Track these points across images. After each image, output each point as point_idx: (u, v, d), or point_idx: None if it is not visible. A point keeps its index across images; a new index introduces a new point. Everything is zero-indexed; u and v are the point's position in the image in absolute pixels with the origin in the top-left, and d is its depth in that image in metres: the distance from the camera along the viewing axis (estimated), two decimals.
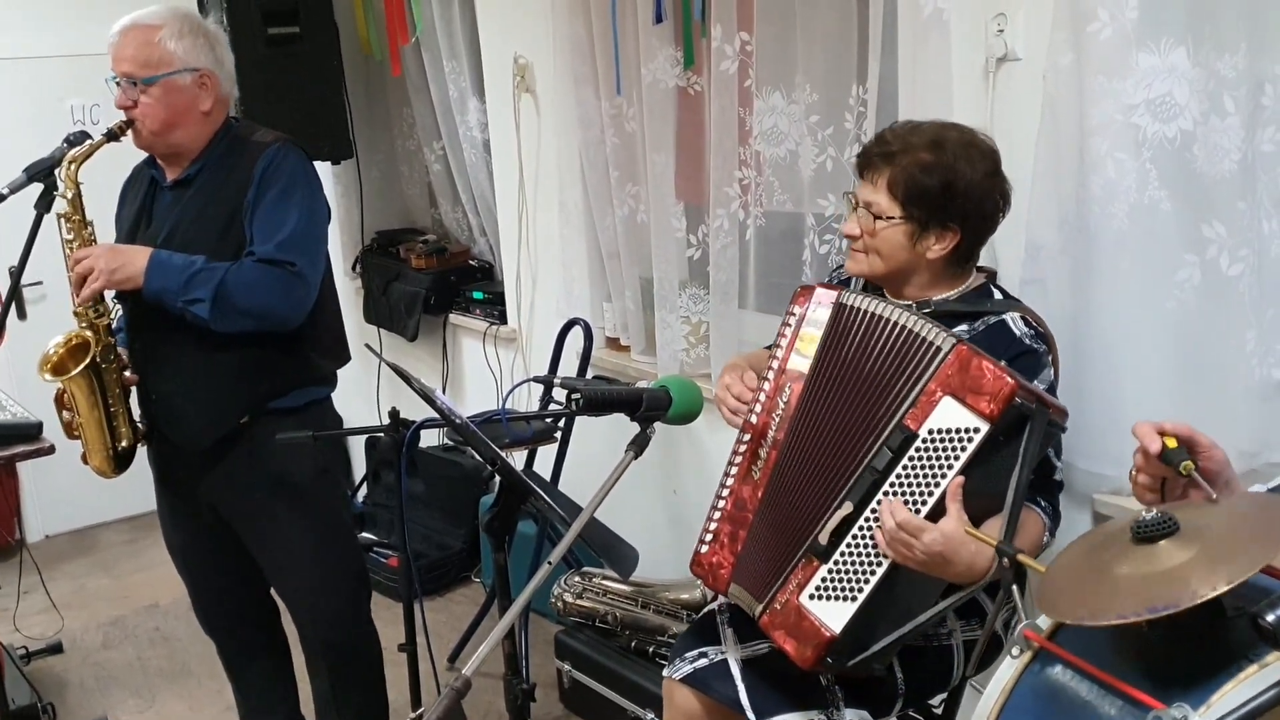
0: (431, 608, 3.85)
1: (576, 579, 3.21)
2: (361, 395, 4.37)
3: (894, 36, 2.42)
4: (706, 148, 2.93)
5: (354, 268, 4.65)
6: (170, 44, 2.48)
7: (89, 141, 2.51)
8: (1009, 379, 1.66)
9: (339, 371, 2.71)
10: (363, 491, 4.52)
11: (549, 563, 1.69)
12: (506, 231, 3.84)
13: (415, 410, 2.33)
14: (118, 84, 2.49)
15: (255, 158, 2.48)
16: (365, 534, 4.24)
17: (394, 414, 2.42)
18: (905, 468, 1.74)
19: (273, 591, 2.83)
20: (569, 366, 3.46)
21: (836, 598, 1.79)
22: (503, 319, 3.94)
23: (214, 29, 2.63)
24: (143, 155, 2.63)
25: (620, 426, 1.86)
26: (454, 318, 4.17)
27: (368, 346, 2.43)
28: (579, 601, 3.15)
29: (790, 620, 1.84)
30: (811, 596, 1.82)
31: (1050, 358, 1.91)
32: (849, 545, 1.79)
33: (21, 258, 2.50)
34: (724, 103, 2.84)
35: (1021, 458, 1.65)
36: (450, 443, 4.07)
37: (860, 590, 1.76)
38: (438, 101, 4.06)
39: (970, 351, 1.71)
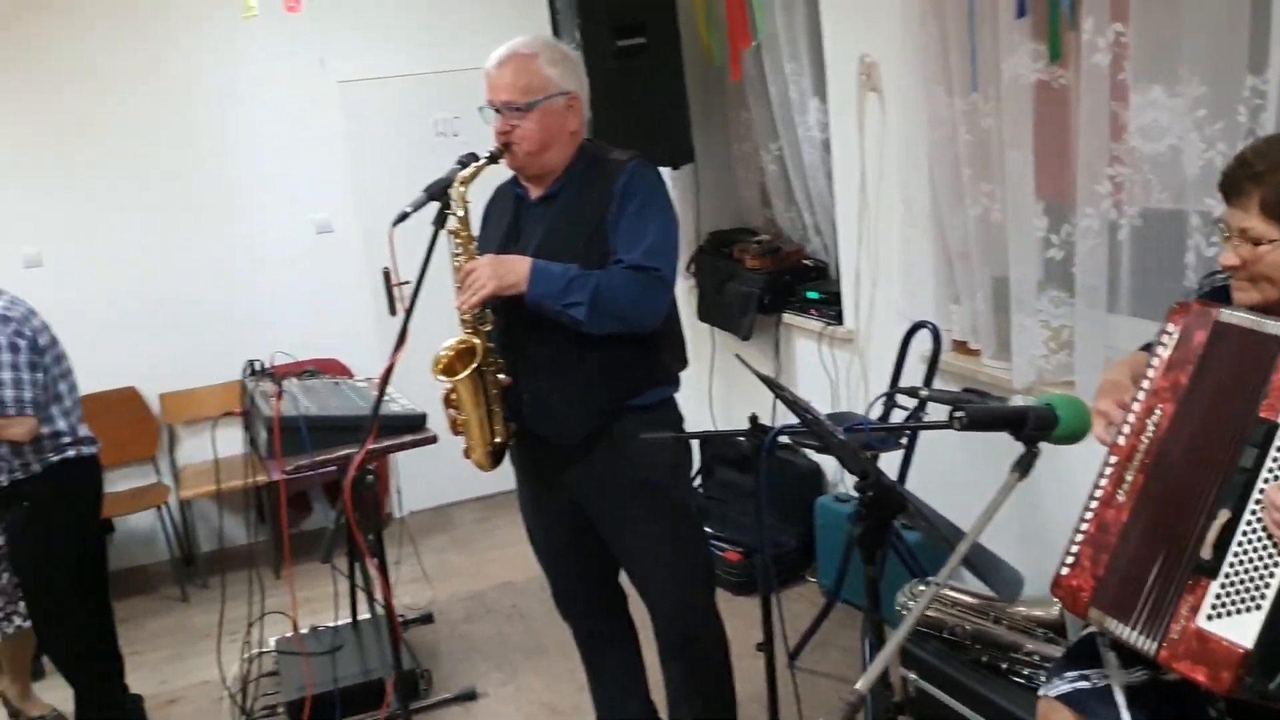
0: None
1: (921, 588, 3.17)
2: (694, 393, 4.50)
3: None
4: (1072, 144, 2.80)
5: (688, 268, 4.78)
6: (547, 70, 2.61)
7: (475, 164, 2.67)
8: None
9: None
10: (696, 485, 4.65)
11: (934, 583, 1.67)
12: (845, 231, 3.83)
13: (752, 409, 2.35)
14: (496, 111, 2.62)
15: (615, 174, 2.59)
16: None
17: (754, 419, 2.48)
18: (1275, 459, 1.66)
19: (620, 579, 2.96)
20: (912, 370, 3.40)
21: (1238, 610, 1.69)
22: (839, 319, 3.93)
23: (576, 54, 2.76)
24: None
25: (961, 435, 1.81)
26: (788, 317, 4.20)
27: (739, 358, 2.49)
28: (925, 611, 3.11)
29: (1193, 647, 1.73)
30: (1209, 617, 1.71)
31: None
32: (1236, 552, 1.69)
33: (420, 270, 2.67)
34: (1094, 97, 2.70)
35: None
36: (786, 441, 4.10)
37: (1263, 595, 1.66)
38: (776, 103, 4.10)
39: None
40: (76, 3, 5.04)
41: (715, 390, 4.39)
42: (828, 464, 4.16)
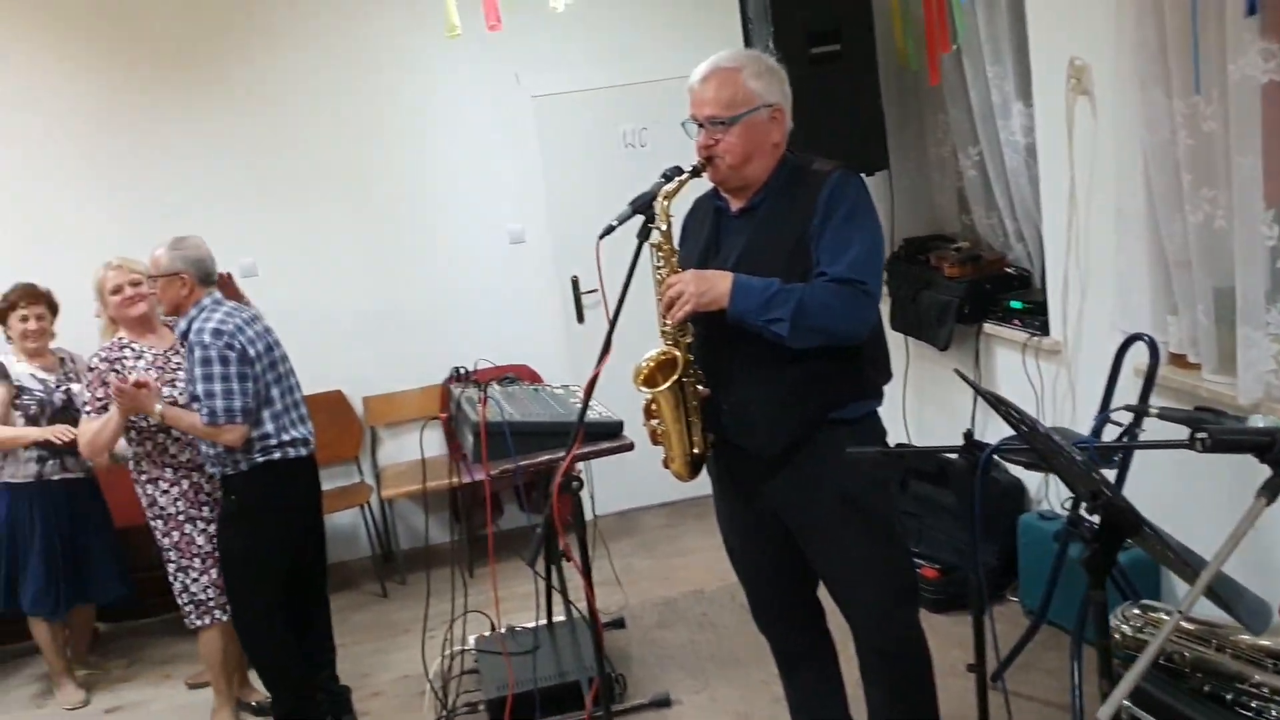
0: (964, 622, 3.80)
1: (1135, 611, 3.03)
2: (885, 403, 4.41)
3: None
4: None
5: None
6: (751, 83, 2.59)
7: (678, 178, 2.67)
8: None
9: None
10: None
11: (1177, 613, 1.59)
12: (1052, 238, 3.70)
13: (947, 421, 2.29)
14: (700, 126, 2.63)
15: (818, 185, 2.57)
16: None
17: (969, 435, 2.41)
18: None
19: (819, 593, 2.93)
20: (1126, 384, 3.25)
21: None
22: (1044, 330, 3.79)
23: (779, 66, 2.74)
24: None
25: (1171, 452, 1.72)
26: (989, 327, 4.08)
27: (958, 373, 2.43)
28: (1139, 636, 2.97)
29: None
30: None
31: None
32: None
33: (624, 283, 2.68)
34: None
35: None
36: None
37: None
38: (977, 107, 4.00)
39: None
40: (290, 27, 5.35)
41: (909, 402, 4.31)
42: (1030, 480, 4.02)
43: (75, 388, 4.28)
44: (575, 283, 5.64)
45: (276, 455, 3.59)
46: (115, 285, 3.82)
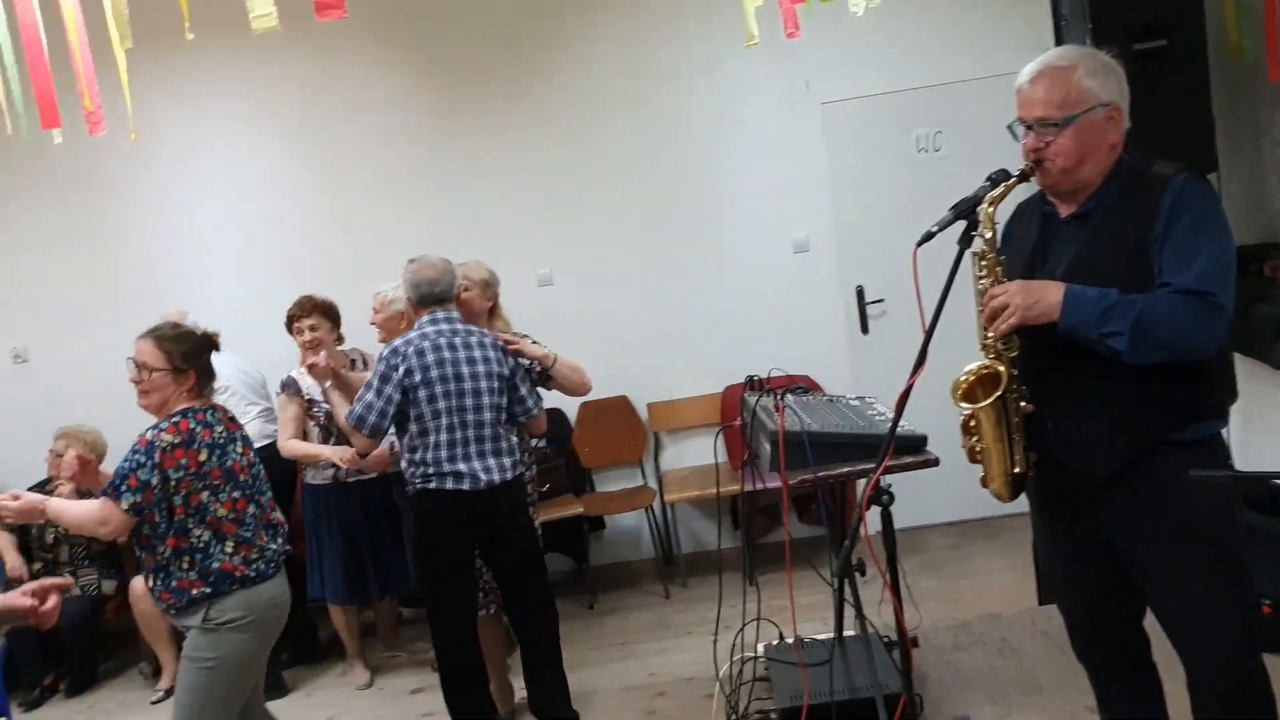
0: None
1: None
2: None
3: None
4: None
5: None
6: (1086, 82, 2.47)
7: (1005, 183, 2.56)
8: None
9: None
10: None
11: None
12: None
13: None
14: (1028, 128, 2.52)
15: (1160, 189, 2.41)
16: None
17: None
18: None
19: (1146, 622, 2.74)
20: None
21: None
22: None
23: (1116, 63, 2.58)
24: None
25: None
26: None
27: None
28: None
29: None
30: None
31: None
32: None
33: (943, 291, 2.57)
34: None
35: None
36: None
37: None
38: None
39: None
40: (588, 44, 5.56)
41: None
42: None
43: None
44: (860, 292, 5.55)
45: (433, 484, 3.69)
46: None
